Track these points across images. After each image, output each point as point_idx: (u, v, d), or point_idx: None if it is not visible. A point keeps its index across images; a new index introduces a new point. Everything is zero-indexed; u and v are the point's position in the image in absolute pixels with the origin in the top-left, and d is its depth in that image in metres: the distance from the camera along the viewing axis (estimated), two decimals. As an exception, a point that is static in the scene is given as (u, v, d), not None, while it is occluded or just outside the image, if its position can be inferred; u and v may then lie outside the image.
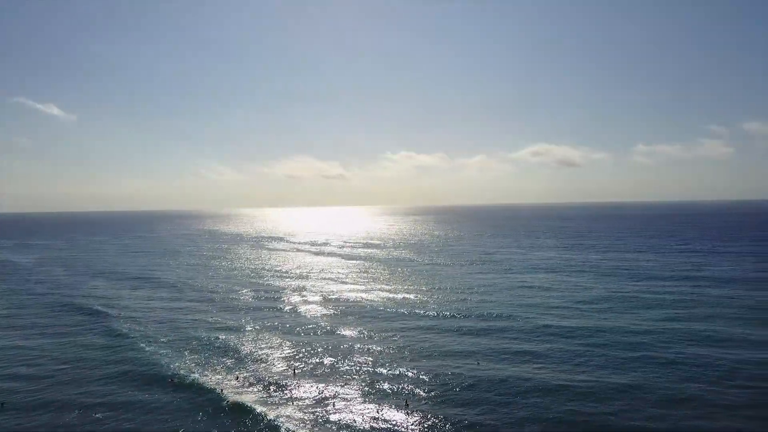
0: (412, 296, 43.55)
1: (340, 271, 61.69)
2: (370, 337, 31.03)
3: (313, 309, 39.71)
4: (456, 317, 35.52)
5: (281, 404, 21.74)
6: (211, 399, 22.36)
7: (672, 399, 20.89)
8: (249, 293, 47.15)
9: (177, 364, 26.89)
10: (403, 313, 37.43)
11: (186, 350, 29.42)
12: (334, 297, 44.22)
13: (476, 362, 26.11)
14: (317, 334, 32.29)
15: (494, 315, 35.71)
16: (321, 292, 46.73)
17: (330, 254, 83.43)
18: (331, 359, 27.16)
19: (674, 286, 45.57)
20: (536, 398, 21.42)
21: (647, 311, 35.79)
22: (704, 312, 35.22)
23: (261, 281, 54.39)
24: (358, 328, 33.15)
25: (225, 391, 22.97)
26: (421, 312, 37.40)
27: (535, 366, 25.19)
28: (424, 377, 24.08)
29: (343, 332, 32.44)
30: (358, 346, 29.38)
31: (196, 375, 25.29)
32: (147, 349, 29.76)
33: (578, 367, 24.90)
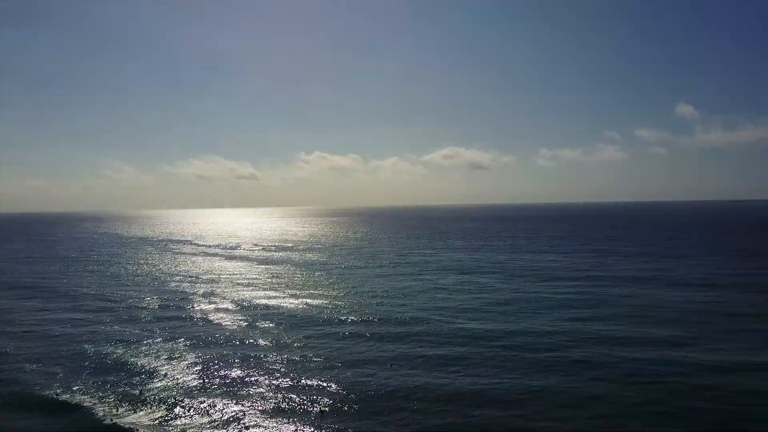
0: (327, 301, 42.66)
1: (252, 275, 59.71)
2: (285, 346, 29.87)
3: (222, 317, 37.89)
4: (372, 322, 35.02)
5: (186, 424, 20.29)
6: (103, 423, 20.44)
7: (580, 399, 21.40)
8: (153, 301, 44.45)
9: (66, 384, 24.55)
10: (318, 319, 36.50)
11: (79, 368, 26.97)
12: (245, 304, 42.53)
13: (390, 366, 25.78)
14: (226, 345, 30.70)
15: (409, 319, 35.50)
16: (232, 298, 44.85)
17: (242, 258, 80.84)
18: (242, 371, 25.82)
19: (579, 286, 47.48)
20: (452, 405, 21.28)
21: (554, 312, 36.84)
22: (607, 311, 36.71)
23: (167, 288, 51.54)
24: (271, 337, 31.90)
25: (121, 412, 21.15)
26: (337, 318, 36.61)
27: (450, 371, 25.07)
28: (339, 387, 23.34)
29: (256, 342, 31.07)
30: (272, 356, 28.15)
31: (88, 396, 23.13)
32: (31, 368, 27.07)
33: (491, 370, 25.02)
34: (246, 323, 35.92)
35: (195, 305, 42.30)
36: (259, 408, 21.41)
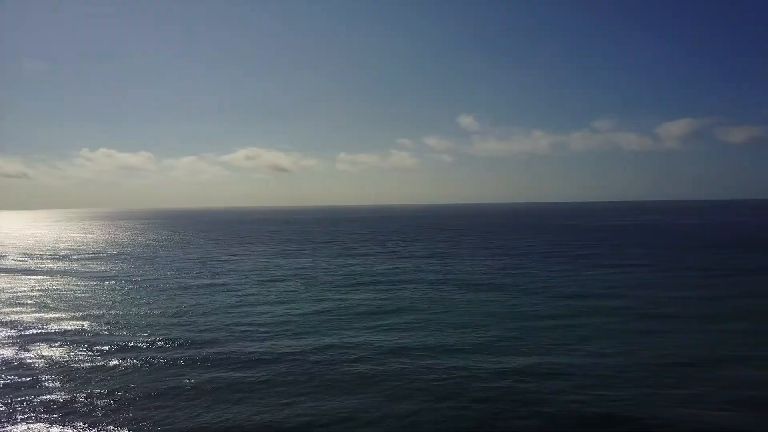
0: (117, 320, 37.83)
1: (20, 292, 51.07)
2: (60, 382, 25.50)
3: (-22, 349, 31.40)
4: (168, 346, 31.64)
5: None
6: None
7: (383, 417, 21.27)
8: None
9: None
10: (107, 345, 31.90)
11: None
12: (10, 329, 35.90)
13: (189, 391, 23.31)
14: (-18, 386, 25.30)
15: (207, 341, 32.62)
16: (-9, 324, 37.56)
17: (7, 271, 69.25)
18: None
19: (380, 290, 48.69)
20: (260, 435, 19.73)
21: (361, 320, 37.06)
22: (408, 318, 37.91)
23: None
24: (43, 371, 27.09)
25: None
26: (130, 342, 32.29)
27: (241, 398, 23.41)
28: (129, 429, 20.36)
29: (21, 377, 26.12)
30: (38, 393, 23.80)
31: None
32: None
33: (289, 398, 23.93)
34: (9, 354, 30.14)
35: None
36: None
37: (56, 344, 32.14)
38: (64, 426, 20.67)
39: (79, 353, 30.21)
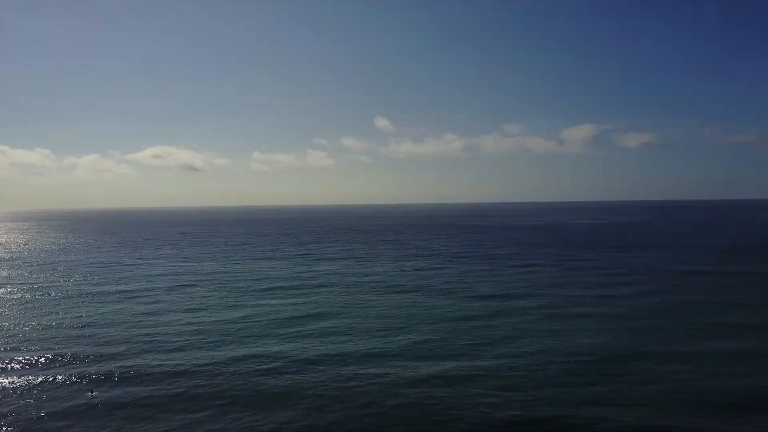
0: (8, 334, 34.81)
1: None
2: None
3: None
4: (69, 362, 29.32)
5: None
6: None
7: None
8: None
9: None
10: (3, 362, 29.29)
11: None
12: None
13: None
14: None
15: (113, 355, 30.45)
16: None
17: None
18: None
19: (298, 295, 47.89)
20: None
21: (271, 329, 36.21)
22: (327, 324, 37.47)
23: None
24: None
25: None
26: (25, 359, 29.58)
27: (152, 415, 22.17)
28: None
29: None
30: None
31: None
32: None
33: (205, 413, 22.95)
34: None
35: None
36: None
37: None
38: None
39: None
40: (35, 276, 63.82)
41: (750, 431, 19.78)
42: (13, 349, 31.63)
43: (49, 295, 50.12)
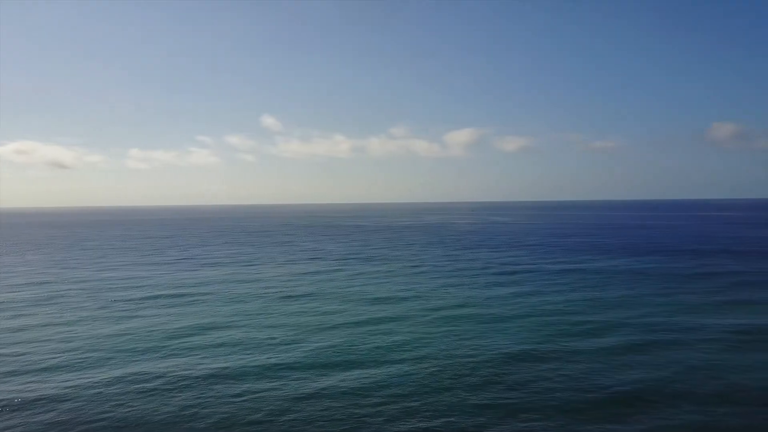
0: None
1: None
2: None
3: None
4: None
5: None
6: None
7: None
8: None
9: None
10: None
11: None
12: None
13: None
14: None
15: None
16: None
17: None
18: None
19: (179, 304, 45.33)
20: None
21: (154, 343, 33.94)
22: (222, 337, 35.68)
23: None
24: None
25: None
26: None
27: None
28: None
29: None
30: None
31: None
32: None
33: None
34: None
35: None
36: None
37: None
38: None
39: None
40: None
41: (623, 429, 21.06)
42: None
43: None
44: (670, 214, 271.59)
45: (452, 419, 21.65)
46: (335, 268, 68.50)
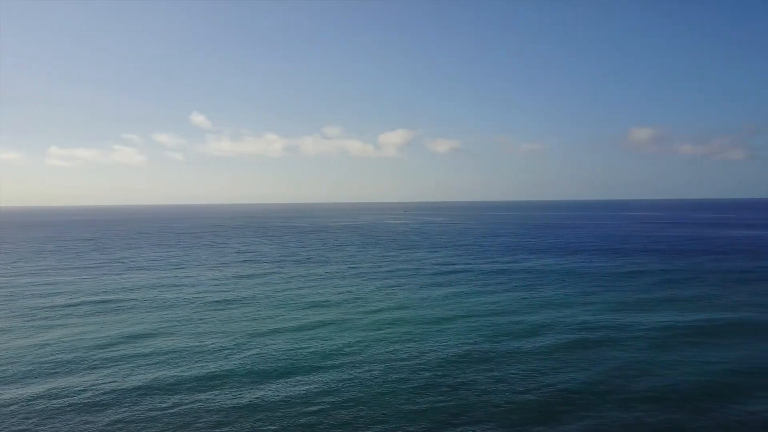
0: None
1: None
2: None
3: None
4: None
5: None
6: None
7: None
8: None
9: None
10: None
11: None
12: None
13: None
14: None
15: None
16: None
17: None
18: None
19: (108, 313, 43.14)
20: None
21: (77, 354, 32.08)
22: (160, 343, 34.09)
23: None
24: None
25: None
26: None
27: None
28: None
29: None
30: None
31: None
32: None
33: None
34: None
35: None
36: None
37: None
38: None
39: None
40: None
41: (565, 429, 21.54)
42: None
43: None
44: (597, 214, 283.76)
45: (393, 425, 21.47)
46: (270, 270, 67.18)
